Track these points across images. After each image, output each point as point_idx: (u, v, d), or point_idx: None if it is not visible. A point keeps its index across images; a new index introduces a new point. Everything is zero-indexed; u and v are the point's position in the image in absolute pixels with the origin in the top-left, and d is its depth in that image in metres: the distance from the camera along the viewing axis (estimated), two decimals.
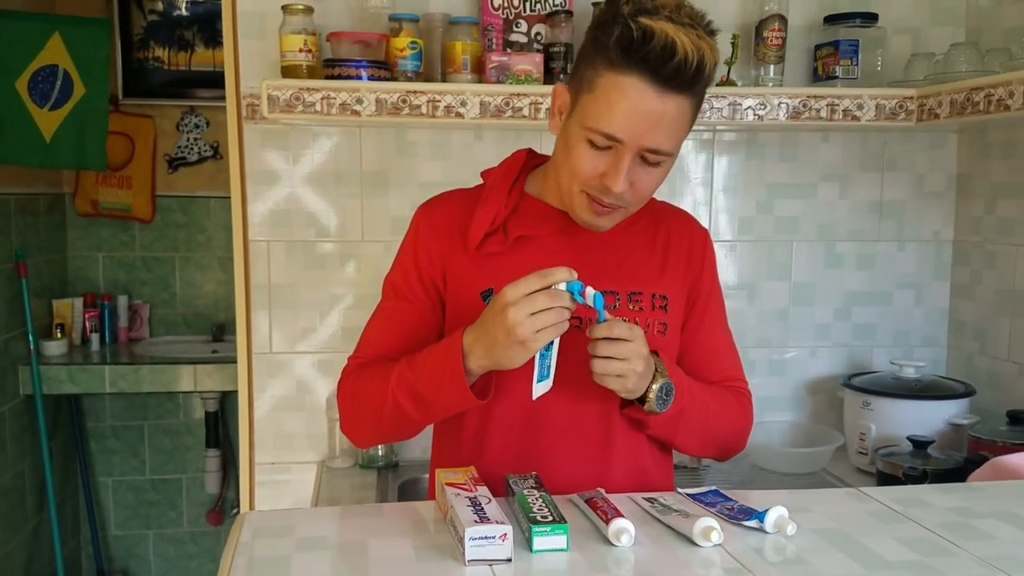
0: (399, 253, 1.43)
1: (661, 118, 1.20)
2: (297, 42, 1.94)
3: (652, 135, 1.20)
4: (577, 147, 1.25)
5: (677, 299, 1.41)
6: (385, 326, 1.41)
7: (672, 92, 1.19)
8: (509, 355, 1.17)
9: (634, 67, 1.17)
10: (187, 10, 3.58)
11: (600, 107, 1.21)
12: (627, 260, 1.39)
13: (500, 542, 1.02)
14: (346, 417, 1.40)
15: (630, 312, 1.35)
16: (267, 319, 2.16)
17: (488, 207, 1.35)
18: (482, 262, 1.35)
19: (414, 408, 1.28)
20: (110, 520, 3.73)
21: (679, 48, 1.15)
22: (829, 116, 2.06)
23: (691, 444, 1.42)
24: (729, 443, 1.46)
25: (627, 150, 1.22)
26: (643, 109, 1.19)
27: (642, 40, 1.16)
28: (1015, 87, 1.78)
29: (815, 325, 2.35)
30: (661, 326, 1.37)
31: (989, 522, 1.19)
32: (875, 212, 2.33)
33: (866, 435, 2.10)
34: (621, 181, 1.23)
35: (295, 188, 2.14)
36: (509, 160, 1.43)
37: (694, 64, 1.16)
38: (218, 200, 3.65)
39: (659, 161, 1.25)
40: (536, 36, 2.08)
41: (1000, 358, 2.19)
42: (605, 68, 1.20)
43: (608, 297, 1.32)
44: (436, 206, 1.43)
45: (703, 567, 1.05)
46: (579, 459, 1.36)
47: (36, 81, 3.20)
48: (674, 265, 1.42)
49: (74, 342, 3.47)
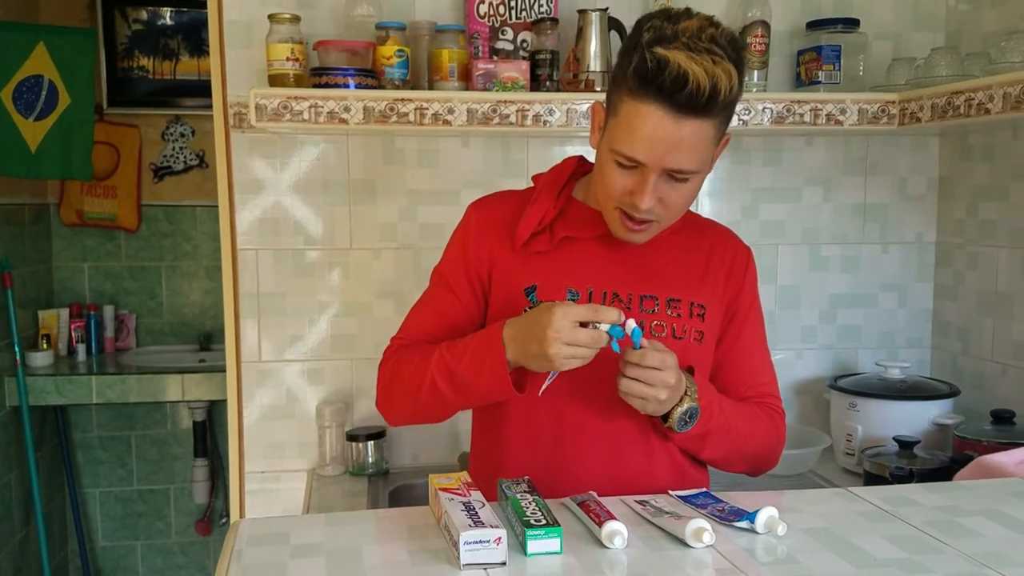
0: (449, 245, 1.50)
1: (680, 141, 1.25)
2: (284, 51, 1.94)
3: (672, 157, 1.26)
4: (607, 167, 1.32)
5: (715, 310, 1.45)
6: (429, 313, 1.47)
7: (688, 117, 1.24)
8: (536, 363, 1.27)
9: (650, 95, 1.23)
10: (172, 19, 3.58)
11: (622, 132, 1.28)
12: (668, 267, 1.44)
13: (494, 546, 1.03)
14: (383, 394, 1.46)
15: (668, 317, 1.40)
16: (255, 327, 2.16)
17: (537, 208, 1.42)
18: (527, 260, 1.41)
19: (451, 391, 1.34)
20: (98, 531, 3.71)
21: (691, 77, 1.20)
22: (812, 121, 2.08)
23: (717, 460, 1.47)
24: (760, 461, 1.49)
25: (651, 171, 1.28)
26: (660, 135, 1.25)
27: (656, 70, 1.21)
28: (995, 91, 1.80)
29: (801, 328, 2.37)
30: (698, 334, 1.42)
31: (975, 520, 1.20)
32: (859, 215, 2.36)
33: (853, 436, 2.12)
34: (647, 199, 1.29)
35: (282, 196, 2.14)
36: (560, 166, 1.50)
37: (707, 91, 1.21)
38: (204, 209, 3.65)
39: (685, 178, 1.30)
40: (522, 43, 2.09)
41: (984, 358, 2.21)
42: (626, 95, 1.27)
43: (647, 302, 1.40)
44: (489, 204, 1.50)
45: (695, 568, 1.06)
46: (618, 459, 1.41)
47: (21, 91, 3.19)
48: (714, 277, 1.46)
49: (60, 353, 3.45)
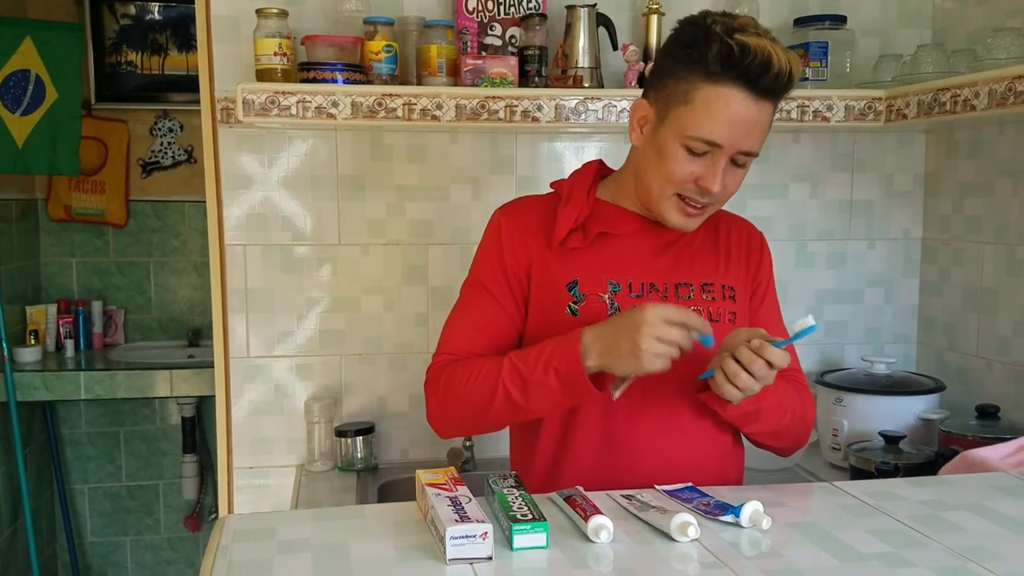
0: (481, 253, 1.51)
1: (756, 123, 1.32)
2: (272, 46, 1.94)
3: (748, 139, 1.33)
4: (673, 154, 1.35)
5: (742, 291, 1.51)
6: (469, 324, 1.48)
7: (766, 100, 1.32)
8: (623, 364, 1.27)
9: (734, 79, 1.29)
10: (160, 14, 3.56)
11: (700, 117, 1.32)
12: (696, 255, 1.50)
13: (481, 540, 1.04)
14: (439, 409, 1.46)
15: (704, 302, 1.45)
16: (244, 323, 2.15)
17: (572, 207, 1.45)
18: (565, 257, 1.44)
19: (525, 399, 1.35)
20: (86, 527, 3.70)
21: (775, 60, 1.27)
22: (799, 117, 2.09)
23: (761, 436, 1.48)
24: (797, 438, 1.52)
25: (724, 154, 1.33)
26: (742, 116, 1.31)
27: (741, 54, 1.27)
28: (980, 88, 1.81)
29: (788, 323, 2.36)
30: (731, 315, 1.47)
31: (959, 514, 1.21)
32: (845, 211, 2.37)
33: (839, 431, 2.13)
34: (718, 182, 1.34)
35: (271, 192, 2.14)
36: (583, 169, 1.54)
37: (788, 74, 1.29)
38: (193, 204, 3.63)
39: (746, 162, 1.37)
40: (511, 39, 2.09)
41: (969, 353, 2.23)
42: (702, 81, 1.31)
43: (682, 289, 1.45)
44: (517, 208, 1.53)
45: (680, 562, 1.07)
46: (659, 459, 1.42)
47: (8, 86, 3.17)
48: (736, 261, 1.52)
49: (48, 349, 3.43)
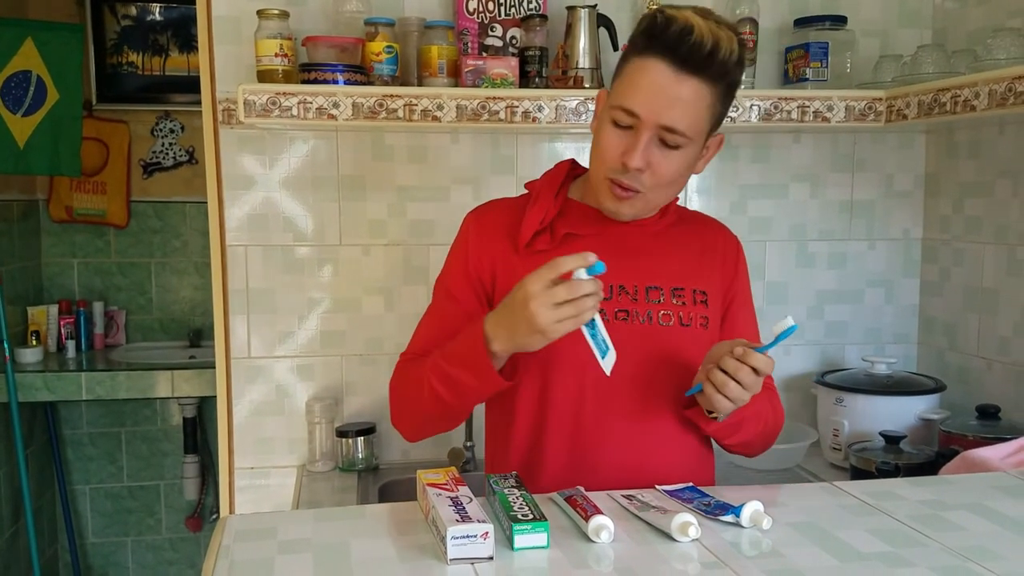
0: (450, 255, 1.52)
1: (676, 98, 1.29)
2: (273, 46, 1.94)
3: (668, 112, 1.29)
4: (603, 130, 1.36)
5: (715, 296, 1.49)
6: (434, 324, 1.48)
7: (688, 73, 1.28)
8: (529, 341, 1.25)
9: (655, 49, 1.29)
10: (161, 15, 3.56)
11: (624, 86, 1.33)
12: (668, 258, 1.47)
13: (482, 540, 1.04)
14: (394, 411, 1.48)
15: (674, 306, 1.43)
16: (245, 324, 2.15)
17: (538, 208, 1.45)
18: (531, 259, 1.42)
19: (449, 394, 1.35)
20: (88, 528, 3.71)
21: (695, 30, 1.26)
22: (800, 118, 2.09)
23: (740, 444, 1.48)
24: (769, 440, 1.53)
25: (644, 127, 1.31)
26: (660, 85, 1.29)
27: (664, 25, 1.28)
28: (981, 88, 1.81)
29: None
30: (703, 320, 1.45)
31: (960, 514, 1.21)
32: (846, 212, 2.37)
33: (839, 431, 2.13)
34: (637, 156, 1.31)
35: (272, 192, 2.14)
36: (554, 169, 1.53)
37: (709, 45, 1.26)
38: (194, 205, 3.64)
39: (677, 144, 1.32)
40: (511, 40, 2.10)
41: (969, 353, 2.23)
42: (633, 54, 1.33)
43: (652, 292, 1.43)
44: (486, 211, 1.53)
45: (681, 562, 1.07)
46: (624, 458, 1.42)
47: (9, 87, 3.18)
48: (710, 265, 1.50)
49: (49, 349, 3.44)
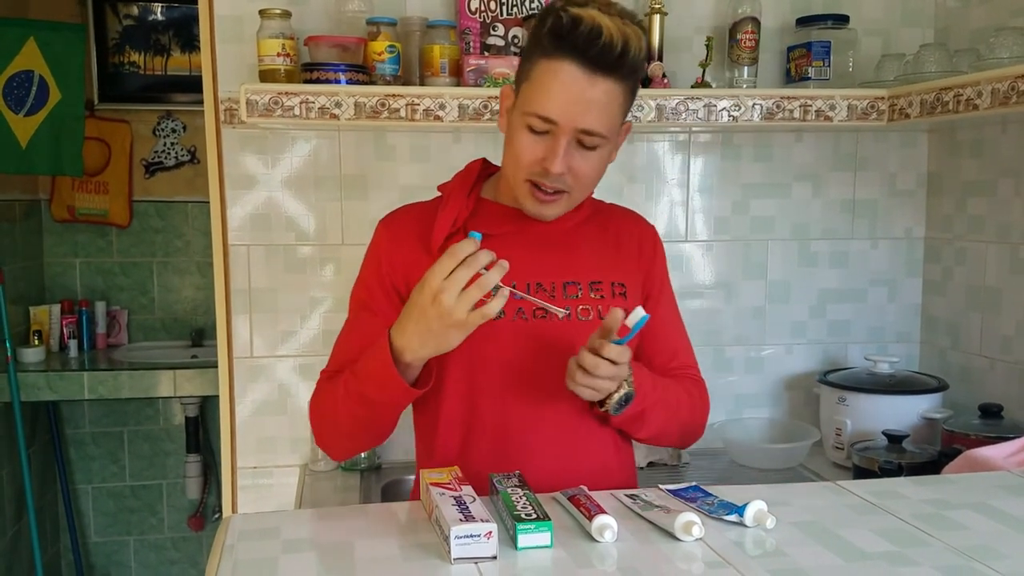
0: (363, 267, 1.48)
1: (592, 100, 1.26)
2: (275, 46, 1.94)
3: (584, 116, 1.27)
4: (518, 134, 1.32)
5: (634, 288, 1.47)
6: (352, 340, 1.44)
7: (601, 75, 1.26)
8: (446, 339, 1.22)
9: (565, 52, 1.25)
10: (162, 15, 3.56)
11: (536, 92, 1.28)
12: (584, 253, 1.45)
13: (485, 540, 1.04)
14: (316, 432, 1.45)
15: (592, 300, 1.41)
16: (247, 323, 2.16)
17: (449, 210, 1.42)
18: None
19: (366, 412, 1.33)
20: (90, 527, 3.71)
21: (604, 31, 1.23)
22: (802, 117, 2.09)
23: (651, 437, 1.48)
24: (688, 432, 1.52)
25: (562, 132, 1.28)
26: (574, 91, 1.26)
27: (571, 26, 1.24)
28: (983, 87, 1.81)
29: (791, 323, 2.38)
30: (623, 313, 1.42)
31: (963, 513, 1.21)
32: (848, 211, 2.37)
33: (842, 430, 2.13)
34: (558, 162, 1.29)
35: (274, 192, 2.14)
36: (465, 169, 1.50)
37: (619, 46, 1.24)
38: (196, 205, 3.64)
39: (595, 144, 1.31)
40: (513, 39, 2.10)
41: (972, 353, 2.22)
42: (540, 56, 1.28)
43: (570, 288, 1.41)
44: (396, 218, 1.49)
45: (685, 561, 1.07)
46: (550, 457, 1.41)
47: (11, 86, 3.18)
48: (627, 257, 1.49)
49: (52, 349, 3.44)
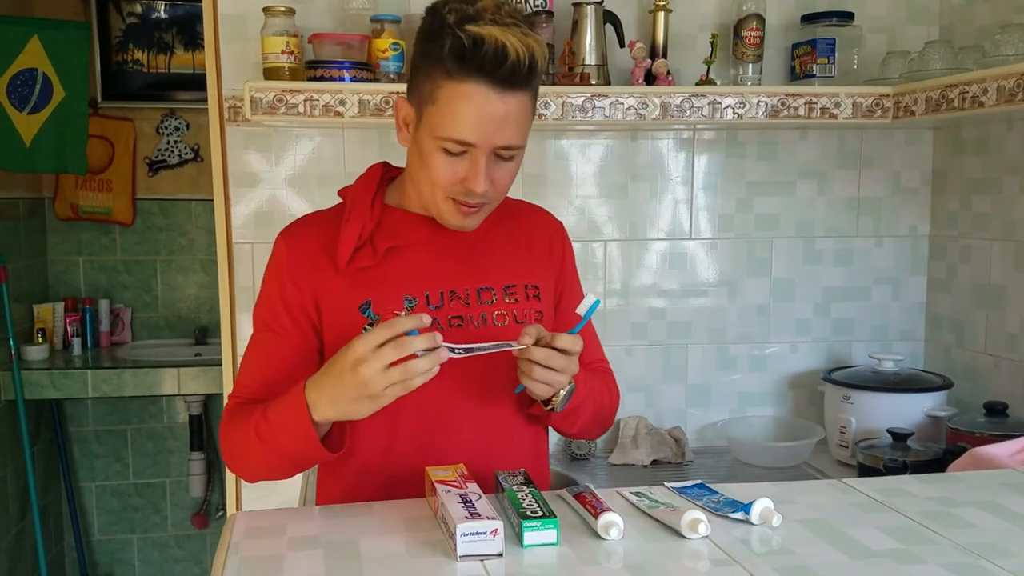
0: (264, 284, 1.41)
1: (506, 117, 1.24)
2: (279, 44, 1.94)
3: (501, 134, 1.25)
4: (432, 157, 1.28)
5: (547, 288, 1.45)
6: (259, 361, 1.38)
7: (511, 91, 1.23)
8: (356, 408, 1.17)
9: (472, 74, 1.21)
10: (166, 13, 3.56)
11: (446, 117, 1.24)
12: (496, 257, 1.42)
13: (491, 537, 1.04)
14: (227, 459, 1.37)
15: (507, 305, 1.39)
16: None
17: (353, 222, 1.36)
18: (355, 277, 1.34)
19: (279, 460, 1.28)
20: (94, 525, 3.71)
21: (510, 50, 1.19)
22: (807, 114, 2.09)
23: (580, 431, 1.47)
24: (605, 426, 1.52)
25: (481, 152, 1.26)
26: (488, 112, 1.23)
27: (474, 47, 1.19)
28: (988, 84, 1.81)
29: (795, 321, 2.38)
30: (537, 314, 1.41)
31: (969, 511, 1.21)
32: (853, 208, 2.36)
33: (846, 428, 2.13)
34: (482, 182, 1.27)
35: (278, 190, 2.14)
36: (366, 175, 1.44)
37: (527, 63, 1.21)
38: (199, 203, 3.64)
39: (512, 156, 1.29)
40: None
41: (977, 351, 2.22)
42: (443, 79, 1.23)
43: (484, 293, 1.38)
44: (297, 231, 1.41)
45: (691, 559, 1.07)
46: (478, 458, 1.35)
47: (15, 84, 3.18)
48: (539, 256, 1.47)
49: (55, 347, 3.44)
